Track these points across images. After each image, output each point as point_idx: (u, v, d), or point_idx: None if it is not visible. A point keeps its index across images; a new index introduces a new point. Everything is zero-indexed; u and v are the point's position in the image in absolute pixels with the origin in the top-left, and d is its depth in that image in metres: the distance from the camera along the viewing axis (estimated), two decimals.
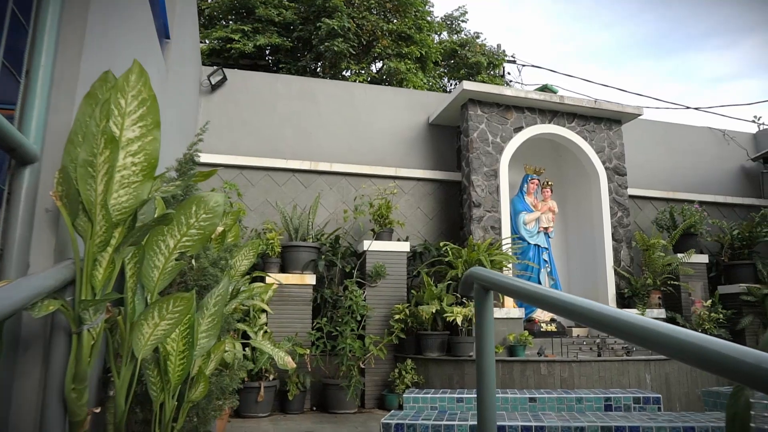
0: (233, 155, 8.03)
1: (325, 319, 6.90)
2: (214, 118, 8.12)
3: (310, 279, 7.05)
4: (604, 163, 8.80)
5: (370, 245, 7.32)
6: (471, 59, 12.43)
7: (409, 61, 11.23)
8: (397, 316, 6.88)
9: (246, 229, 7.60)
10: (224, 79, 8.22)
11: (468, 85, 7.98)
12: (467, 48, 12.91)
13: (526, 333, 7.12)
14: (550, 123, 8.64)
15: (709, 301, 8.33)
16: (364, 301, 6.96)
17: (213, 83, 8.15)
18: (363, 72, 11.42)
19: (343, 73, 11.56)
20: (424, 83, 12.01)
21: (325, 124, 8.62)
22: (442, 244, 7.47)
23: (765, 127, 11.31)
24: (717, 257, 9.52)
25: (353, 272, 7.29)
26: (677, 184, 10.35)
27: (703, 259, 8.88)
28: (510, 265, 7.48)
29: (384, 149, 8.79)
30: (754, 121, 11.53)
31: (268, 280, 6.76)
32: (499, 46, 14.69)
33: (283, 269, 7.10)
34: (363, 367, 6.81)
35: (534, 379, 6.20)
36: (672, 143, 10.58)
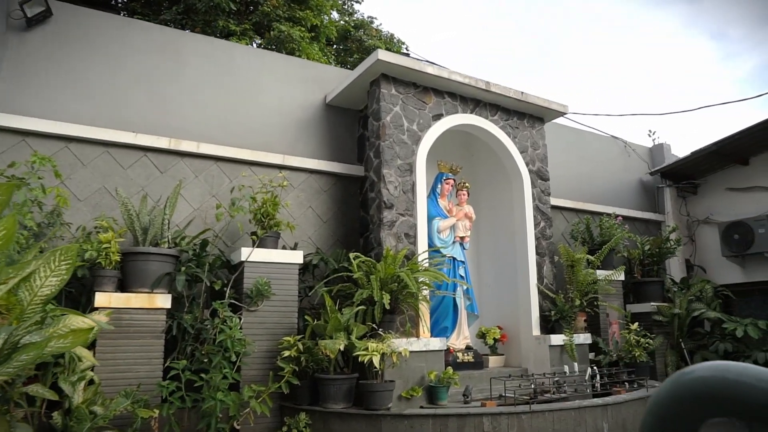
0: (56, 120, 5.63)
1: (184, 359, 4.81)
2: (28, 66, 5.67)
3: (164, 300, 4.94)
4: (527, 164, 7.63)
5: (250, 254, 5.38)
6: (367, 42, 10.87)
7: (302, 29, 9.34)
8: (286, 353, 5.01)
9: (69, 227, 5.27)
10: (47, 12, 5.78)
11: (384, 55, 6.34)
12: (363, 31, 11.35)
13: (450, 370, 5.62)
14: (472, 113, 7.28)
15: (636, 324, 7.46)
16: (241, 331, 5.00)
17: (29, 16, 5.68)
18: (246, 36, 9.30)
19: (219, 35, 9.35)
20: (320, 57, 10.20)
21: (193, 91, 6.49)
22: (353, 255, 5.71)
23: (659, 141, 11.05)
24: (628, 274, 8.81)
25: (225, 290, 5.30)
26: (585, 194, 9.58)
27: (620, 276, 8.06)
28: (427, 290, 5.93)
29: (270, 131, 6.86)
30: (649, 135, 11.25)
31: (98, 302, 4.58)
32: (392, 35, 13.33)
33: (123, 286, 4.92)
34: (238, 428, 4.82)
35: None
36: (580, 150, 9.83)
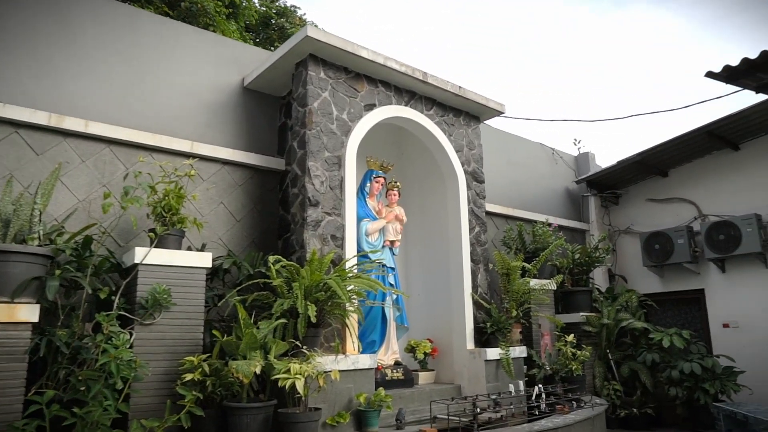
0: None
1: (52, 389, 3.77)
2: None
3: (29, 312, 3.87)
4: (462, 165, 7.13)
5: (147, 255, 4.42)
6: (289, 30, 9.99)
7: (218, 2, 8.31)
8: (188, 377, 4.10)
9: None
10: None
11: (313, 32, 5.58)
12: (285, 19, 10.48)
13: (382, 392, 4.92)
14: (406, 106, 6.67)
15: (572, 336, 7.13)
16: (131, 350, 4.03)
17: None
18: (151, 4, 8.14)
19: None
20: (238, 38, 9.21)
21: (84, 58, 5.41)
22: (272, 259, 4.87)
23: (584, 150, 11.02)
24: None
25: (113, 300, 4.31)
26: (514, 200, 9.27)
27: (554, 285, 7.73)
28: (356, 301, 5.18)
29: (176, 113, 5.89)
30: (574, 144, 11.21)
31: None
32: (317, 26, 12.54)
33: None
34: None
35: None
36: (509, 155, 9.52)
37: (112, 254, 4.69)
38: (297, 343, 4.45)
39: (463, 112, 7.36)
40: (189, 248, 5.23)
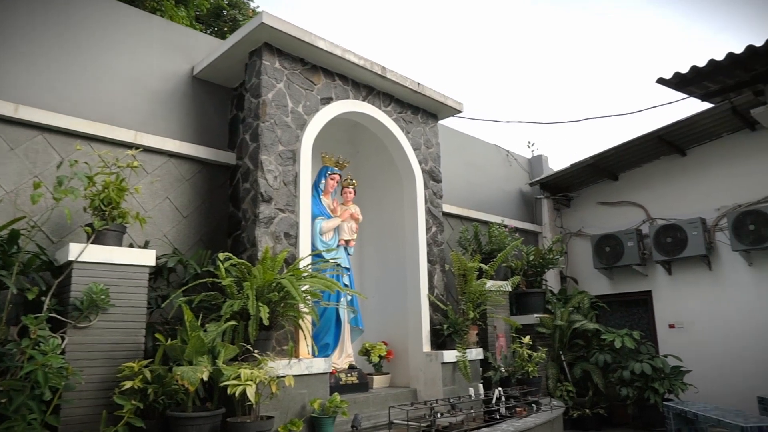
0: None
1: None
2: None
3: None
4: (420, 163, 6.99)
5: (83, 251, 4.05)
6: (242, 21, 9.62)
7: None
8: (127, 385, 3.76)
9: None
10: None
11: (269, 19, 5.30)
12: (238, 10, 10.08)
13: (337, 397, 4.69)
14: (364, 101, 6.47)
15: (528, 337, 7.08)
16: (63, 357, 3.66)
17: None
18: None
19: None
20: (188, 25, 8.78)
21: (16, 39, 4.95)
22: (222, 256, 4.56)
23: (538, 153, 11.11)
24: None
25: (43, 301, 3.92)
26: (469, 200, 9.21)
27: (508, 287, 7.70)
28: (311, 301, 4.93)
29: (119, 100, 5.49)
30: (528, 147, 11.28)
31: None
32: None
33: None
34: None
35: None
36: (464, 156, 9.46)
37: (42, 251, 4.28)
38: (248, 346, 4.17)
39: (421, 109, 7.22)
40: (131, 245, 4.85)
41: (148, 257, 4.40)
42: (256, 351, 4.12)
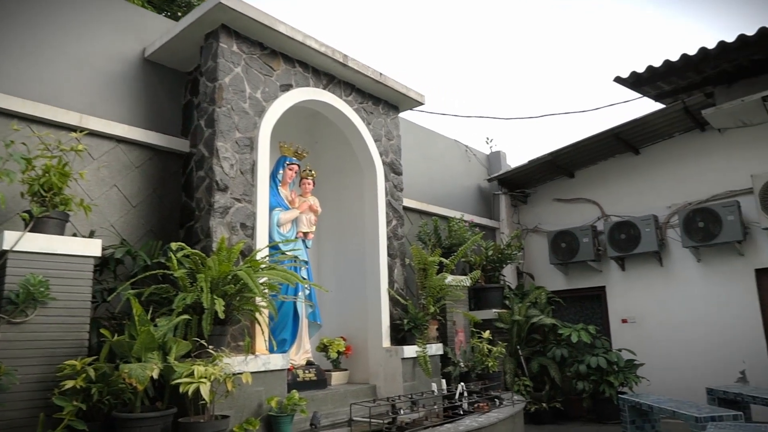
0: None
1: None
2: None
3: None
4: (381, 155, 6.85)
5: (19, 240, 3.73)
6: (197, 4, 9.23)
7: None
8: (68, 385, 3.47)
9: None
10: None
11: None
12: None
13: (296, 394, 4.51)
14: (325, 89, 6.29)
15: (487, 332, 7.05)
16: None
17: None
18: None
19: None
20: (141, 4, 8.34)
21: None
22: (175, 246, 4.30)
23: (496, 149, 11.16)
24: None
25: None
26: (428, 195, 9.14)
27: (468, 281, 7.65)
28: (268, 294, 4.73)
29: (63, 80, 5.12)
30: (486, 143, 11.31)
31: None
32: None
33: None
34: None
35: None
36: (424, 150, 9.38)
37: None
38: (202, 342, 3.93)
39: (383, 100, 7.09)
40: (74, 235, 4.53)
41: (93, 247, 4.11)
42: (210, 347, 3.90)
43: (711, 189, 8.45)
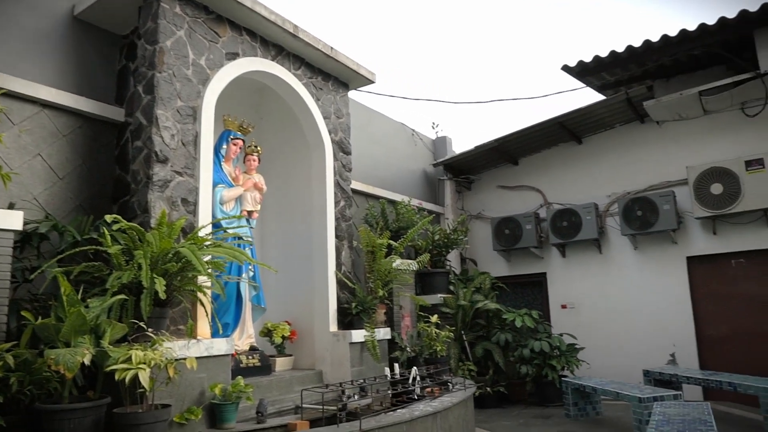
0: None
1: None
2: None
3: None
4: (330, 133, 6.59)
5: None
6: None
7: None
8: None
9: None
10: None
11: None
12: None
13: (242, 381, 4.24)
14: (273, 61, 5.95)
15: (435, 316, 6.97)
16: None
17: None
18: None
19: None
20: None
21: None
22: (110, 218, 3.90)
23: (442, 134, 11.10)
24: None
25: None
26: (374, 178, 8.95)
27: (415, 265, 7.55)
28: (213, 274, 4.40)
29: None
30: (432, 128, 11.23)
31: None
32: None
33: None
34: None
35: None
36: (372, 132, 9.18)
37: None
38: (141, 324, 3.59)
39: (333, 76, 6.81)
40: None
41: (12, 220, 3.66)
42: (150, 330, 3.56)
43: (649, 179, 8.70)
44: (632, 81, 8.88)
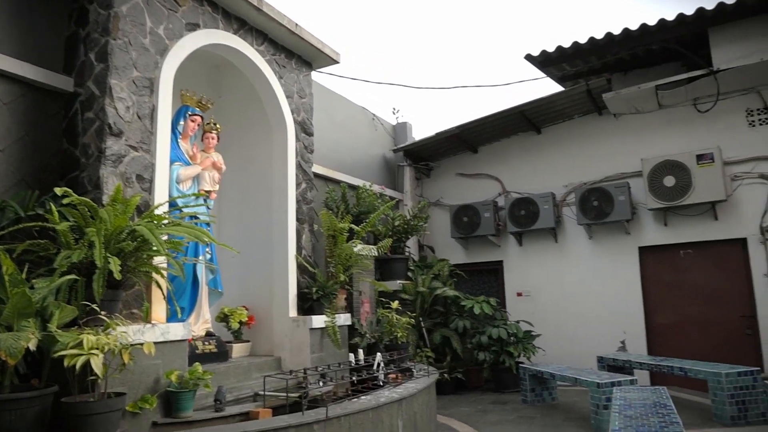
0: None
1: None
2: None
3: None
4: (292, 113, 6.38)
5: None
6: None
7: None
8: None
9: None
10: None
11: None
12: None
13: (199, 367, 4.05)
14: (235, 34, 5.68)
15: (396, 302, 6.89)
16: None
17: None
18: None
19: None
20: None
21: None
22: (60, 191, 3.61)
23: (402, 120, 11.01)
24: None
25: None
26: (334, 161, 8.78)
27: (375, 251, 7.46)
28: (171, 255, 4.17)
29: None
30: (393, 113, 11.11)
31: None
32: None
33: None
34: None
35: None
36: (332, 115, 8.99)
37: None
38: (94, 306, 3.34)
39: (296, 54, 6.59)
40: None
41: None
42: (103, 312, 3.32)
43: (605, 170, 8.87)
44: (591, 73, 9.00)
